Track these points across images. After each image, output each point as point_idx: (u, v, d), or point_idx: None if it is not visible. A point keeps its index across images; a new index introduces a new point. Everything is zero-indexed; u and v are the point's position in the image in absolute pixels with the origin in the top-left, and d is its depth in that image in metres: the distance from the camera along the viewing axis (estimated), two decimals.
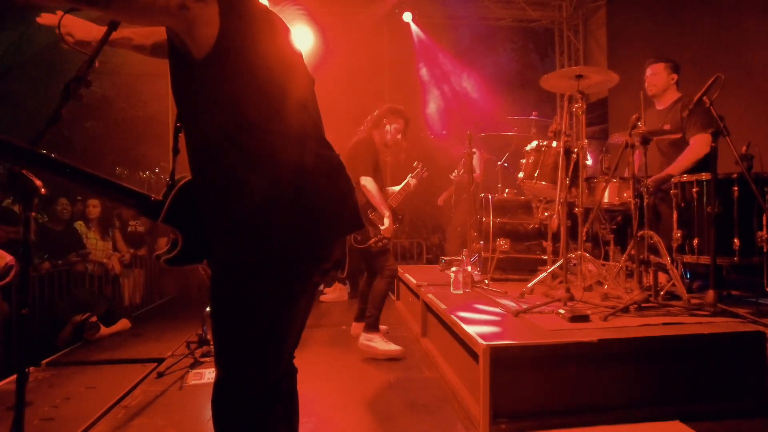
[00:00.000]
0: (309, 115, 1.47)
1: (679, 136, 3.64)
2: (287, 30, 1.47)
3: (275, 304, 1.34)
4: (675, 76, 3.92)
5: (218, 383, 1.34)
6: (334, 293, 5.98)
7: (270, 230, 1.31)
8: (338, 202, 1.44)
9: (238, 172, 1.31)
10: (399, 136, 3.88)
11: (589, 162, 3.99)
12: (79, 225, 5.66)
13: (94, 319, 4.41)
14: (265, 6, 1.45)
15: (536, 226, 4.28)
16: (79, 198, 5.92)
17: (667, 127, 3.69)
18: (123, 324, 4.75)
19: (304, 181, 1.35)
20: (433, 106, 8.85)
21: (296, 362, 1.55)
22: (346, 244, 1.53)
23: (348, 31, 7.75)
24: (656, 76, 3.95)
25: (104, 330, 4.47)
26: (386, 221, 3.67)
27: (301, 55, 1.51)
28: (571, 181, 3.41)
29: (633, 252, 3.19)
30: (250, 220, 1.31)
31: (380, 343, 3.51)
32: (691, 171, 3.49)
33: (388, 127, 3.85)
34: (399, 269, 4.48)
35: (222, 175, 1.31)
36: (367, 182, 3.66)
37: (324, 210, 1.38)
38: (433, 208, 8.59)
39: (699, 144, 3.56)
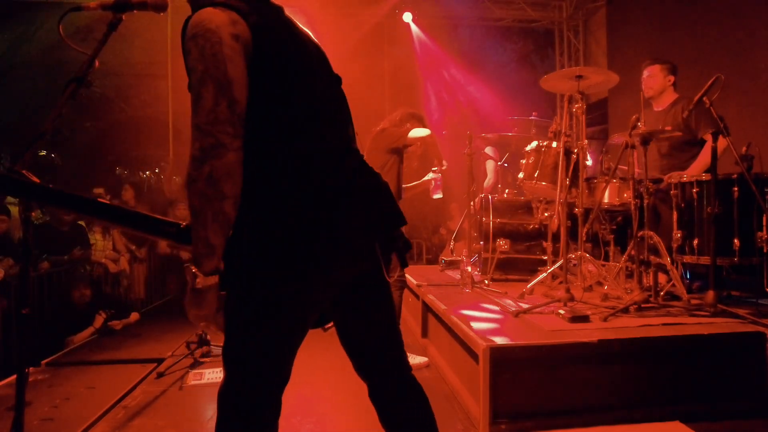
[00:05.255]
0: (337, 118, 1.45)
1: (680, 134, 3.62)
2: (306, 35, 1.45)
3: (293, 315, 1.32)
4: (672, 78, 3.90)
5: (225, 385, 1.32)
6: None
7: (295, 235, 1.28)
8: (364, 205, 1.38)
9: (265, 177, 1.29)
10: (417, 143, 3.85)
11: (589, 162, 3.99)
12: (81, 223, 5.68)
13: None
14: (288, 17, 1.43)
15: (536, 226, 4.28)
16: None
17: (667, 128, 3.69)
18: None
19: (331, 185, 1.33)
20: (432, 107, 8.85)
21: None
22: (378, 251, 1.42)
23: (348, 31, 7.75)
24: (653, 78, 3.92)
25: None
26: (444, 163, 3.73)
27: (326, 58, 1.48)
28: (571, 182, 3.41)
29: (633, 252, 3.19)
30: (277, 224, 1.29)
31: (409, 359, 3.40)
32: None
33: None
34: None
35: (250, 186, 1.28)
36: (416, 129, 3.55)
37: (350, 216, 1.34)
38: (433, 208, 8.59)
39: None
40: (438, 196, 3.91)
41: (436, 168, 3.85)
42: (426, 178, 3.99)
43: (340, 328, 1.53)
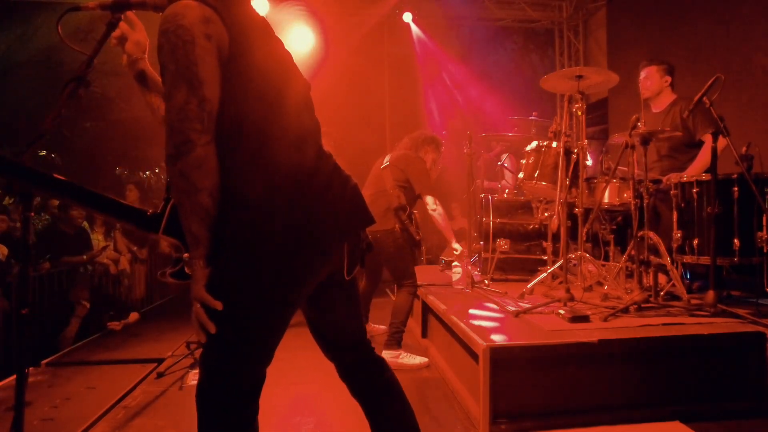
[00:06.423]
0: (307, 120, 1.47)
1: (680, 134, 3.61)
2: (279, 40, 1.49)
3: (272, 309, 1.34)
4: (669, 78, 3.87)
5: (202, 384, 1.33)
6: None
7: (268, 234, 1.31)
8: (337, 205, 1.42)
9: (236, 175, 1.31)
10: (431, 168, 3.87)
11: (589, 162, 3.99)
12: (84, 225, 5.68)
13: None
14: (261, 16, 1.46)
15: (536, 226, 4.28)
16: None
17: (666, 129, 3.68)
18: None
19: (303, 185, 1.35)
20: (432, 107, 8.84)
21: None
22: (345, 250, 1.48)
23: (348, 31, 7.75)
24: (649, 79, 3.90)
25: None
26: (456, 246, 3.87)
27: (293, 61, 1.52)
28: (571, 182, 3.41)
29: (633, 252, 3.19)
30: (250, 223, 1.31)
31: (408, 359, 3.37)
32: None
33: (426, 157, 3.83)
34: None
35: (230, 185, 1.31)
36: (432, 200, 3.66)
37: (324, 215, 1.38)
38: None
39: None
40: (459, 287, 3.88)
41: (456, 262, 3.92)
42: (452, 262, 4.02)
43: (308, 319, 1.59)
